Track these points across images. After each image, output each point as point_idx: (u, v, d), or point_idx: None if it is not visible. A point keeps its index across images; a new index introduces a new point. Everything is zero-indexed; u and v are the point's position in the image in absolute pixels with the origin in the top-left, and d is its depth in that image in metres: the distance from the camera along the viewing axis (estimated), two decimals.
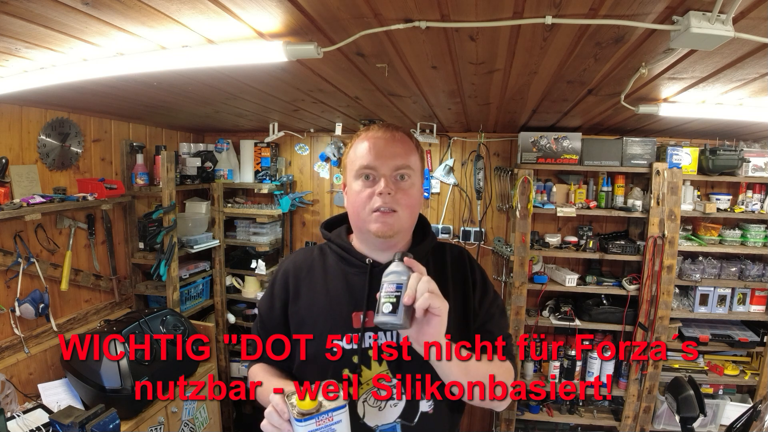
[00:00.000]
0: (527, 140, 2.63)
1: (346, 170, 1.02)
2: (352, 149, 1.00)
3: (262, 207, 3.16)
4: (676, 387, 1.87)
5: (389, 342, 0.96)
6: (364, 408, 0.95)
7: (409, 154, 0.98)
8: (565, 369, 2.74)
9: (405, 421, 0.94)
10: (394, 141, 0.97)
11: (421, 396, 0.95)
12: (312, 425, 0.75)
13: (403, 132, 1.01)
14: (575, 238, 2.74)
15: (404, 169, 0.95)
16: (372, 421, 0.94)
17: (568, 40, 1.13)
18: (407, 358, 0.94)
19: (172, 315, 2.35)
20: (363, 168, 0.95)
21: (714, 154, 2.48)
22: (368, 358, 0.95)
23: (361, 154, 0.96)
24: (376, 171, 0.94)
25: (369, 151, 0.95)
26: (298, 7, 0.96)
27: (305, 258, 1.07)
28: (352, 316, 0.96)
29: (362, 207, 0.95)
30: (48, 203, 1.99)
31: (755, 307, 2.63)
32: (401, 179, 0.95)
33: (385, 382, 0.95)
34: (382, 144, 0.96)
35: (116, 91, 1.77)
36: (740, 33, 0.91)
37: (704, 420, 2.65)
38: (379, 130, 0.98)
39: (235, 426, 3.20)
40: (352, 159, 0.99)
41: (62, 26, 1.07)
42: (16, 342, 1.99)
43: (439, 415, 0.96)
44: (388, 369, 0.95)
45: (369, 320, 0.95)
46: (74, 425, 1.67)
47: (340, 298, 0.99)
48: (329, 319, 0.97)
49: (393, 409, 0.94)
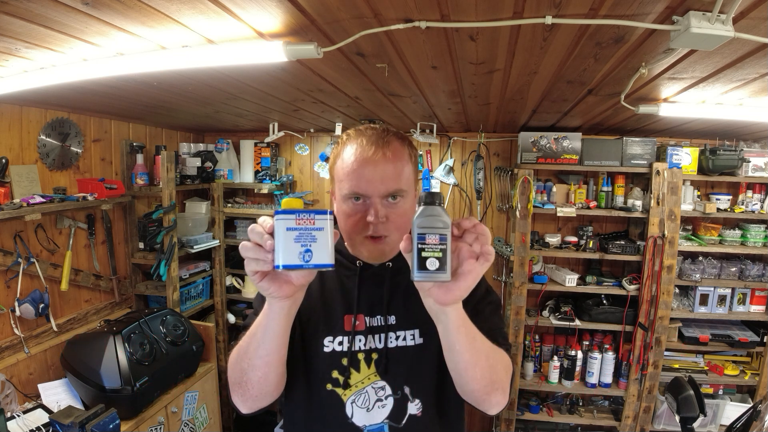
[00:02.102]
0: (527, 140, 2.63)
1: (334, 182, 0.94)
2: (339, 160, 0.91)
3: (262, 207, 3.16)
4: (676, 387, 1.87)
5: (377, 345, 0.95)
6: (353, 408, 0.94)
7: (401, 173, 0.89)
8: (565, 369, 2.74)
9: (392, 423, 0.94)
10: (385, 161, 0.87)
11: (410, 398, 0.94)
12: (291, 221, 0.67)
13: (395, 139, 0.91)
14: (575, 238, 2.74)
15: (395, 193, 0.88)
16: (360, 422, 0.94)
17: (568, 40, 1.13)
18: (395, 360, 0.94)
19: (172, 315, 2.35)
20: (351, 193, 0.88)
21: (714, 154, 2.48)
22: (357, 361, 0.95)
23: (349, 175, 0.88)
24: (366, 195, 0.87)
25: (357, 174, 0.87)
26: (298, 7, 0.96)
27: None
28: (344, 318, 0.96)
29: (353, 232, 0.91)
30: (48, 203, 1.99)
31: (755, 307, 2.63)
32: (393, 199, 0.88)
33: (373, 384, 0.94)
34: (371, 167, 0.86)
35: (116, 91, 1.77)
36: (740, 33, 0.91)
37: (704, 420, 2.65)
38: (368, 146, 0.88)
39: (235, 426, 3.20)
40: (339, 175, 0.90)
41: (62, 26, 1.07)
42: (16, 342, 1.99)
43: (427, 418, 0.95)
44: (377, 371, 0.94)
45: (359, 323, 0.95)
46: (74, 425, 1.67)
47: (333, 299, 0.98)
48: (321, 320, 0.96)
49: (381, 410, 0.94)
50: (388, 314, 0.96)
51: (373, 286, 0.97)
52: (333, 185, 0.96)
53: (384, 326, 0.96)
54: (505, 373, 0.85)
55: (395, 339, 0.96)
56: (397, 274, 0.99)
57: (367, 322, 0.96)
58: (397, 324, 0.96)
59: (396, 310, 0.97)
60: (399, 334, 0.96)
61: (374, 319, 0.96)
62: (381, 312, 0.96)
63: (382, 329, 0.96)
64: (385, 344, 0.95)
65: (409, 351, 0.95)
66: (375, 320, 0.96)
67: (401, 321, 0.96)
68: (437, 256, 0.64)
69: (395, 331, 0.96)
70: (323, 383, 0.94)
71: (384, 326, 0.96)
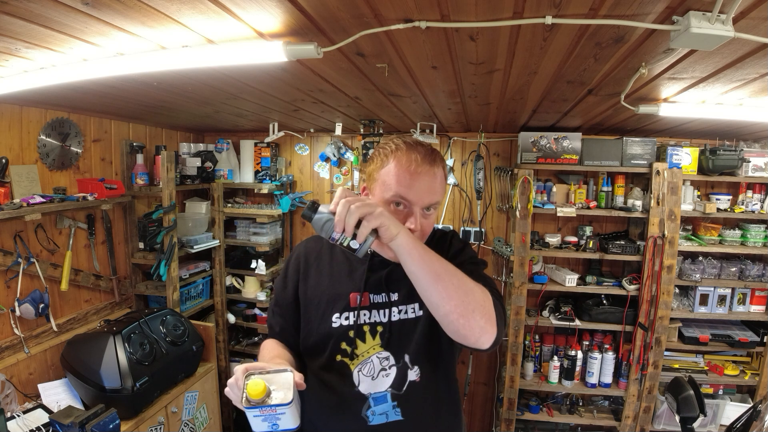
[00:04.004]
0: (527, 140, 2.63)
1: (375, 183, 1.02)
2: (389, 166, 0.99)
3: (262, 207, 3.16)
4: (676, 387, 1.87)
5: (381, 319, 1.06)
6: (359, 377, 1.04)
7: (442, 188, 1.02)
8: (565, 369, 2.74)
9: (395, 390, 1.03)
10: (433, 177, 0.99)
11: (409, 365, 1.04)
12: (257, 412, 0.81)
13: (440, 160, 1.02)
14: (575, 238, 2.74)
15: (434, 204, 1.01)
16: (366, 390, 1.04)
17: (568, 40, 1.13)
18: (397, 332, 1.05)
19: (172, 315, 2.35)
20: (397, 197, 0.98)
21: (714, 154, 2.47)
22: (363, 333, 1.06)
23: (399, 182, 0.97)
24: (410, 203, 0.98)
25: (408, 184, 0.97)
26: (298, 7, 0.96)
27: (315, 245, 1.18)
28: (350, 296, 1.07)
29: None
30: (48, 203, 2.00)
31: (755, 307, 2.63)
32: (428, 210, 1.00)
33: (378, 354, 1.05)
34: (423, 180, 0.97)
35: (116, 91, 1.77)
36: (740, 33, 0.91)
37: (704, 420, 2.65)
38: (422, 161, 0.98)
39: (235, 426, 3.20)
40: (386, 180, 0.99)
41: (62, 26, 1.07)
42: (16, 342, 1.99)
43: (426, 383, 1.05)
44: (381, 342, 1.05)
45: (364, 300, 1.07)
46: (74, 425, 1.67)
47: (341, 280, 1.10)
48: (331, 298, 1.08)
49: (385, 379, 1.04)
50: (391, 291, 1.07)
51: (379, 269, 1.08)
52: (371, 184, 1.06)
53: (387, 302, 1.07)
54: (484, 297, 0.88)
55: (398, 313, 1.07)
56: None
57: (372, 299, 1.07)
58: (399, 300, 1.07)
59: (398, 288, 1.07)
60: (401, 308, 1.07)
61: (378, 296, 1.07)
62: (384, 290, 1.07)
63: (386, 305, 1.07)
64: (389, 318, 1.06)
65: (409, 323, 1.06)
66: (379, 297, 1.07)
67: (402, 297, 1.07)
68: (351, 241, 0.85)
69: (398, 305, 1.07)
70: (333, 355, 1.06)
71: (387, 302, 1.07)
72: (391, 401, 1.03)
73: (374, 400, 1.03)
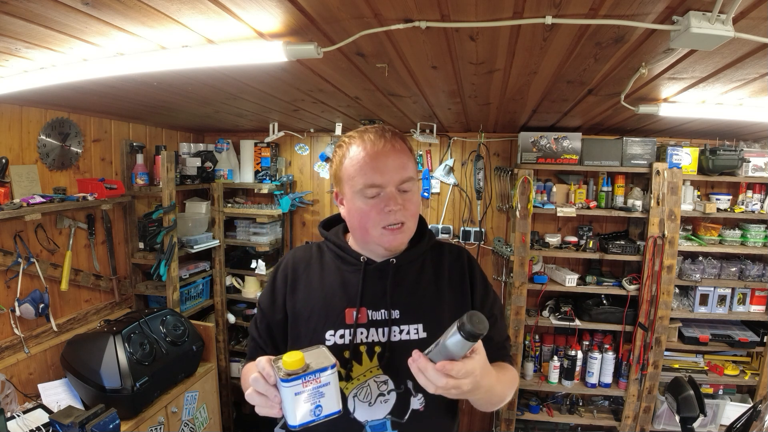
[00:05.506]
0: (527, 140, 2.63)
1: (342, 183, 0.97)
2: (347, 160, 0.95)
3: (262, 207, 3.16)
4: (676, 387, 1.87)
5: (380, 339, 0.96)
6: (355, 403, 0.95)
7: (408, 162, 0.95)
8: (565, 369, 2.74)
9: (395, 418, 0.94)
10: (394, 152, 0.93)
11: (413, 393, 0.95)
12: (298, 386, 0.70)
13: (398, 137, 0.96)
14: (575, 238, 2.74)
15: (407, 181, 0.93)
16: (362, 417, 0.94)
17: (568, 40, 1.13)
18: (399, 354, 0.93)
19: (172, 315, 2.35)
20: (368, 187, 0.91)
21: (714, 154, 2.48)
22: (359, 354, 0.95)
23: (362, 171, 0.92)
24: (382, 188, 0.91)
25: (371, 167, 0.91)
26: (298, 7, 0.96)
27: (304, 254, 1.08)
28: (345, 312, 0.97)
29: (372, 225, 0.93)
30: (48, 203, 1.99)
31: (755, 307, 2.63)
32: (405, 187, 0.94)
33: (375, 378, 0.95)
34: (383, 158, 0.91)
35: (116, 91, 1.77)
36: (740, 33, 0.91)
37: (704, 420, 2.65)
38: (376, 140, 0.93)
39: (235, 426, 3.20)
40: (350, 174, 0.94)
41: (62, 26, 1.07)
42: (16, 342, 1.99)
43: (431, 413, 0.96)
44: (379, 365, 0.95)
45: (361, 316, 0.96)
46: (74, 425, 1.67)
47: (334, 294, 0.99)
48: (323, 314, 0.98)
49: (383, 405, 0.94)
50: (392, 308, 0.97)
51: (376, 280, 0.99)
52: (340, 186, 0.98)
53: (387, 320, 0.97)
54: (512, 389, 0.96)
55: (399, 333, 0.96)
56: (400, 269, 1.00)
57: (370, 316, 0.97)
58: (401, 318, 0.97)
59: (400, 304, 0.98)
60: (403, 328, 0.97)
61: (377, 313, 0.97)
62: (384, 306, 0.97)
63: (386, 323, 0.96)
64: (389, 338, 0.95)
65: (412, 345, 0.94)
66: (378, 314, 0.97)
67: (405, 315, 0.97)
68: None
69: (399, 325, 0.97)
70: None
71: (387, 320, 0.97)
72: (391, 429, 0.95)
73: (372, 428, 0.94)
